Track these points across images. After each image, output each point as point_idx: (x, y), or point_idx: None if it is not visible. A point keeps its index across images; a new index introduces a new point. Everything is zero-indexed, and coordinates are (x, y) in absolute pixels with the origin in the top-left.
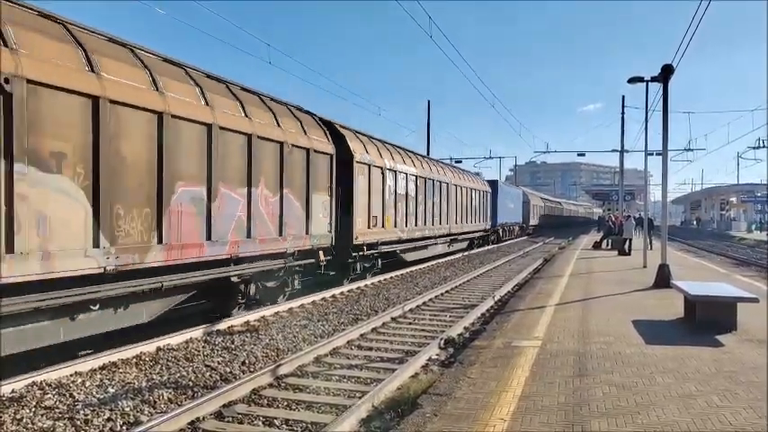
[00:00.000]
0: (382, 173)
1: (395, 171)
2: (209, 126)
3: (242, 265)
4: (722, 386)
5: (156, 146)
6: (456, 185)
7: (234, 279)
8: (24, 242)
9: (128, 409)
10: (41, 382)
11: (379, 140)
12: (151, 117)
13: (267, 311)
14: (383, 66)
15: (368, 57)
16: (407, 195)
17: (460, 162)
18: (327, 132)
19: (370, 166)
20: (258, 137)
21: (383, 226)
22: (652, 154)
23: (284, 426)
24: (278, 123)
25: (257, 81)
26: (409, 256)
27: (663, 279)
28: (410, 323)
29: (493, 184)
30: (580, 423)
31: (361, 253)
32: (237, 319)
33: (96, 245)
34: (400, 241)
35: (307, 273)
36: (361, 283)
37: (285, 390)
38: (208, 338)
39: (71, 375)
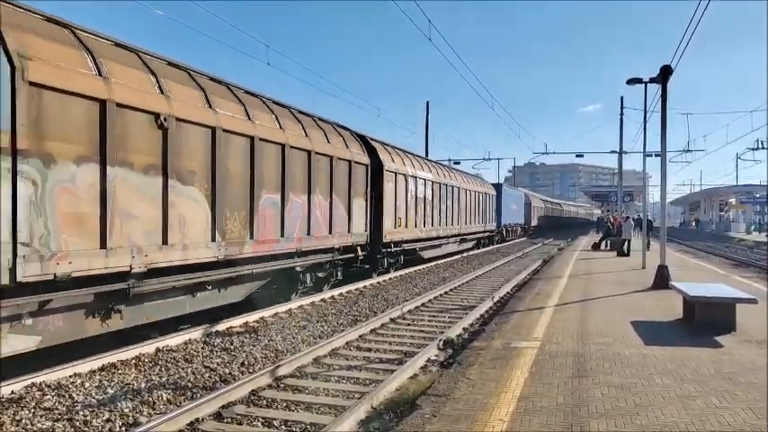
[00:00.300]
0: (405, 179)
1: (415, 177)
2: (282, 146)
3: (302, 258)
4: (721, 387)
5: (249, 162)
6: (465, 189)
7: (298, 269)
8: (173, 236)
9: (127, 410)
10: (40, 384)
11: (402, 150)
12: (246, 141)
13: (266, 312)
14: (382, 66)
15: (367, 57)
16: (425, 199)
17: (459, 163)
18: (363, 145)
19: (396, 173)
20: (315, 152)
21: (406, 226)
22: (651, 155)
23: (283, 426)
24: (328, 140)
25: (256, 82)
26: (426, 254)
27: (662, 280)
28: (409, 324)
29: (497, 187)
30: (579, 424)
31: (388, 249)
32: (236, 320)
33: (213, 239)
34: (419, 240)
35: (345, 266)
36: (360, 284)
37: (284, 391)
38: (207, 339)
39: (70, 376)
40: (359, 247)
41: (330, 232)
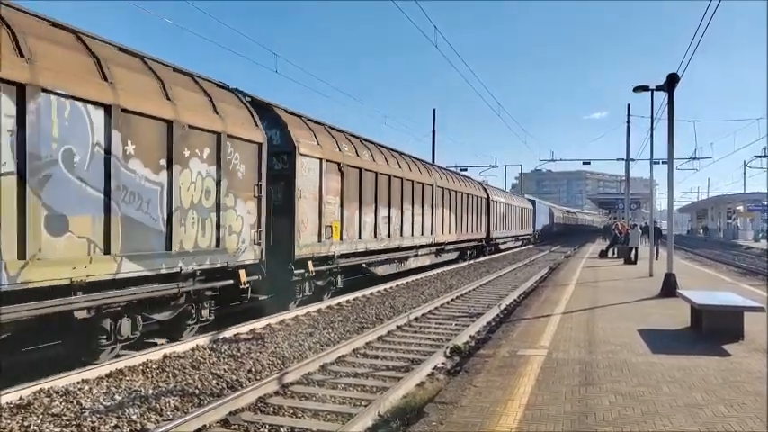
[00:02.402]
0: (497, 204)
1: (501, 202)
2: (466, 193)
3: (468, 243)
4: (729, 396)
5: (458, 203)
6: (518, 206)
7: (468, 248)
8: (450, 230)
9: (134, 417)
10: (49, 389)
11: (495, 187)
12: (477, 198)
13: (273, 320)
14: (387, 71)
15: (371, 62)
16: (503, 214)
17: (466, 170)
18: (482, 186)
19: (495, 201)
20: (473, 195)
21: (497, 230)
22: (658, 163)
23: None
24: (474, 187)
25: (258, 87)
26: (502, 246)
27: (669, 288)
28: (416, 331)
29: (533, 202)
30: None
31: (492, 242)
32: (243, 327)
33: (451, 232)
34: (501, 237)
35: (477, 249)
36: (367, 291)
37: (291, 397)
38: (214, 346)
39: (78, 383)
40: (483, 240)
41: (475, 231)
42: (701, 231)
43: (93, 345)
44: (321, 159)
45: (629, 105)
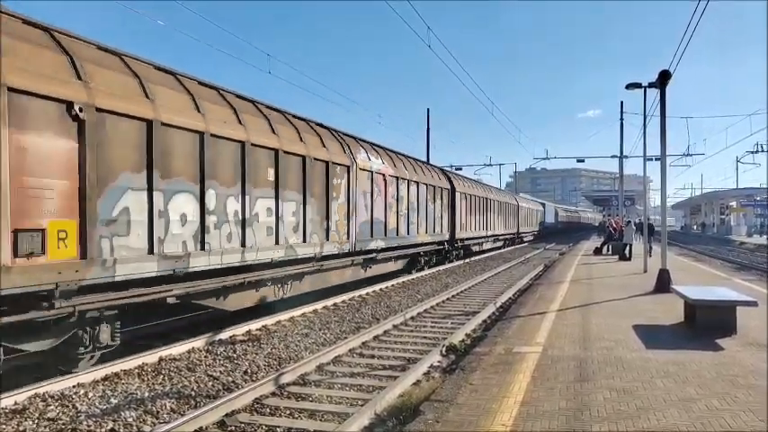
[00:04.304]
0: (521, 208)
1: (524, 207)
2: (508, 203)
3: (507, 235)
4: (722, 390)
5: (509, 210)
6: (532, 209)
7: (508, 238)
8: (495, 228)
9: (131, 420)
10: (44, 394)
11: (521, 195)
12: (513, 205)
13: (269, 320)
14: (385, 71)
15: (369, 62)
16: (525, 215)
17: (461, 169)
18: (514, 195)
19: (521, 207)
20: (506, 203)
21: (522, 227)
22: (651, 159)
23: None
24: (509, 200)
25: (254, 88)
26: (524, 238)
27: (663, 284)
28: (412, 330)
29: (543, 204)
30: (581, 428)
31: (519, 235)
32: (239, 329)
33: (500, 228)
34: (523, 232)
35: (510, 240)
36: (363, 291)
37: (287, 398)
38: (210, 348)
39: (74, 387)
40: (515, 234)
41: (511, 228)
42: (696, 227)
43: (414, 267)
44: (462, 193)
45: (621, 102)
